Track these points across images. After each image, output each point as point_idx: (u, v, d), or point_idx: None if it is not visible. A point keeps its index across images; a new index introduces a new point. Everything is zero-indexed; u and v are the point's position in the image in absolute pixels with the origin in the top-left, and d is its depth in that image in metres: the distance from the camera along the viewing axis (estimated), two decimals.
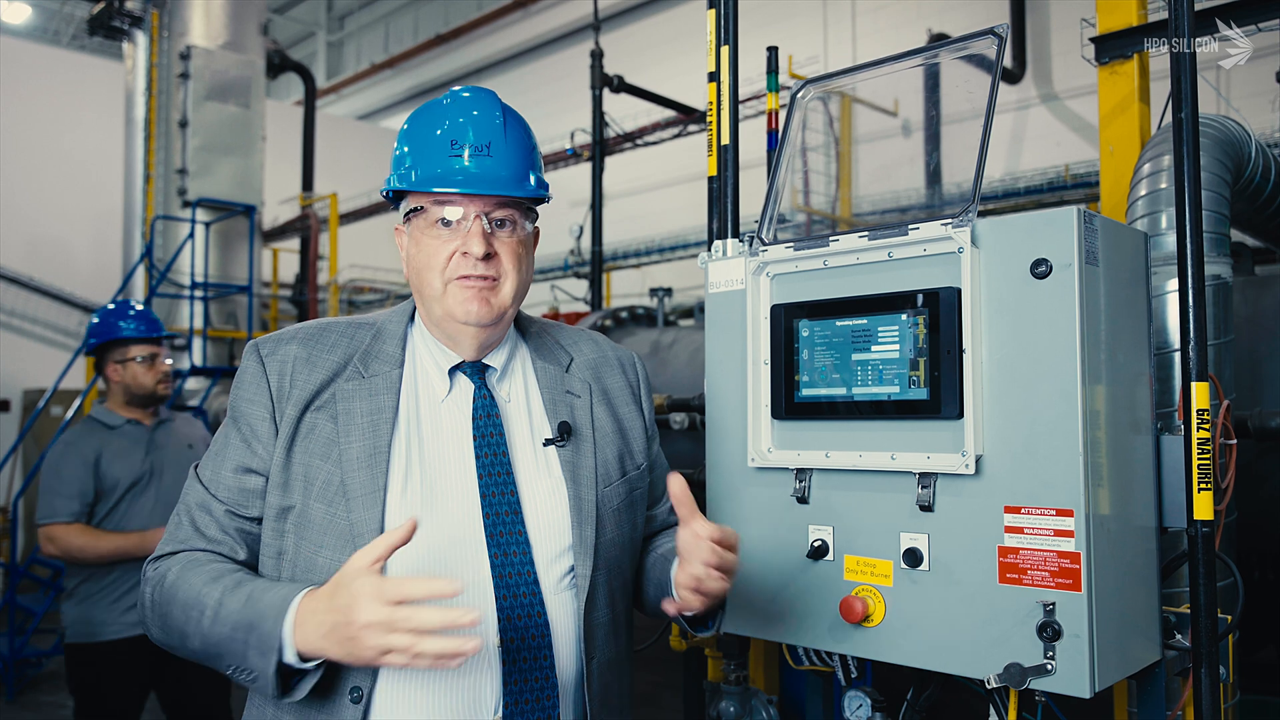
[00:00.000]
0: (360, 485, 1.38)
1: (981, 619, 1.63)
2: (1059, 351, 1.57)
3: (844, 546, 1.79)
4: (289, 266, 13.05)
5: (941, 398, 1.65)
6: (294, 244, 12.48)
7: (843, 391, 1.79)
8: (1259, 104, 6.54)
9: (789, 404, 1.86)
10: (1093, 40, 2.63)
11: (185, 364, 8.17)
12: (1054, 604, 1.55)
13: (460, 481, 1.42)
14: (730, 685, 2.63)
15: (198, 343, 8.38)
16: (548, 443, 1.50)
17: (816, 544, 1.82)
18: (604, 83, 5.74)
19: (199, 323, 8.39)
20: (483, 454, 1.44)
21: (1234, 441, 1.98)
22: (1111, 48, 2.59)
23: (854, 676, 2.09)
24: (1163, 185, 2.18)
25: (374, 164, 13.89)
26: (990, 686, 1.61)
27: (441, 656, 1.14)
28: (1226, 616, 1.86)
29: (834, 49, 11.17)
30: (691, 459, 3.20)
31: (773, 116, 3.12)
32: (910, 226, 1.72)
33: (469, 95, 1.49)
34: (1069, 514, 1.55)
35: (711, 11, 2.23)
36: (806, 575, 1.84)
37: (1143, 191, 2.23)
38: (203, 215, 8.52)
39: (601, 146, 5.82)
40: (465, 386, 1.50)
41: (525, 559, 1.40)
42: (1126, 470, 1.70)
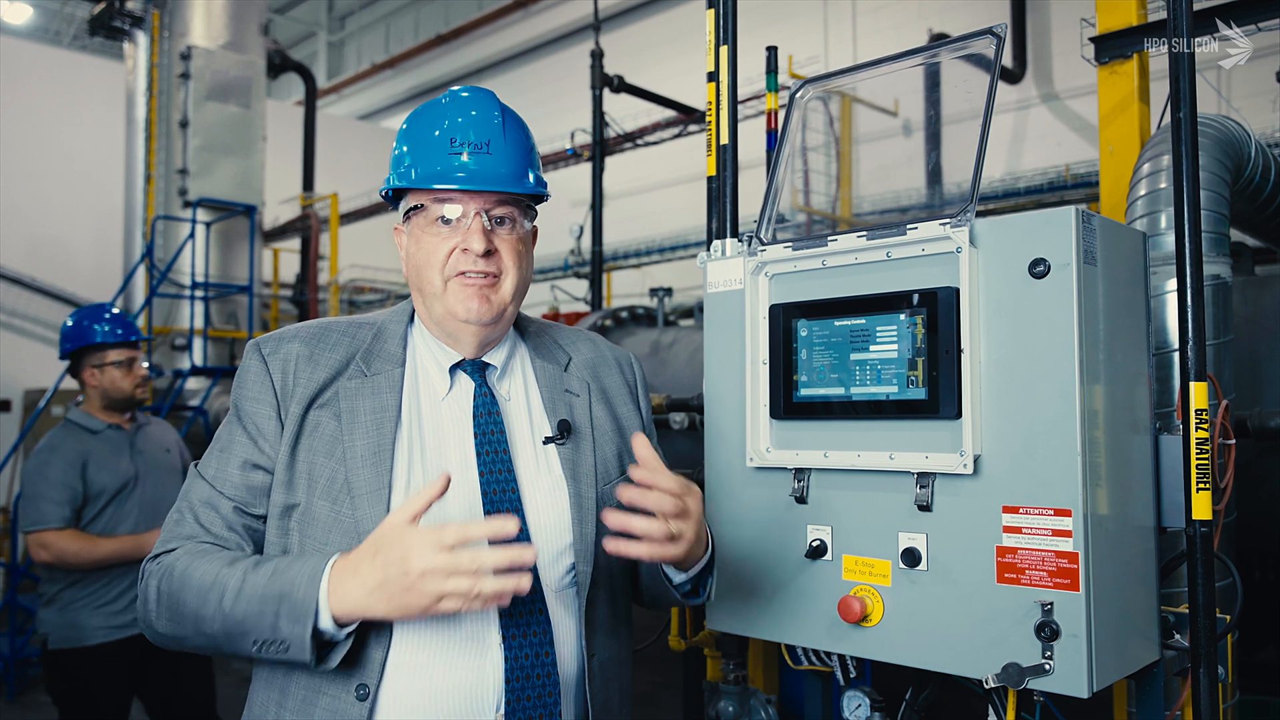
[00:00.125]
0: (365, 482, 1.38)
1: (980, 619, 1.63)
2: (1057, 351, 1.57)
3: (842, 546, 1.79)
4: (289, 266, 13.06)
5: (940, 398, 1.65)
6: (294, 244, 12.50)
7: (841, 391, 1.79)
8: (1259, 104, 6.53)
9: (787, 404, 1.86)
10: (1092, 40, 2.63)
11: (185, 364, 8.18)
12: (1052, 604, 1.55)
13: (462, 479, 1.42)
14: (729, 685, 2.64)
15: (198, 343, 8.37)
16: (548, 441, 1.51)
17: (815, 544, 1.82)
18: (604, 83, 5.75)
19: (199, 323, 8.38)
20: (484, 451, 1.45)
21: (1233, 441, 1.98)
22: (1111, 48, 2.59)
23: (853, 676, 2.10)
24: (1162, 185, 2.18)
25: (374, 164, 13.89)
26: (988, 686, 1.61)
27: (498, 595, 1.18)
28: (1225, 616, 1.86)
29: (834, 49, 11.17)
30: (691, 459, 3.20)
31: (772, 116, 3.12)
32: (908, 226, 1.72)
33: (468, 95, 1.50)
34: (1067, 514, 1.55)
35: (711, 11, 2.23)
36: (805, 575, 1.84)
37: (1142, 191, 2.23)
38: (203, 215, 8.53)
39: (601, 146, 5.83)
40: (465, 385, 1.50)
41: None
42: (1125, 470, 1.70)
